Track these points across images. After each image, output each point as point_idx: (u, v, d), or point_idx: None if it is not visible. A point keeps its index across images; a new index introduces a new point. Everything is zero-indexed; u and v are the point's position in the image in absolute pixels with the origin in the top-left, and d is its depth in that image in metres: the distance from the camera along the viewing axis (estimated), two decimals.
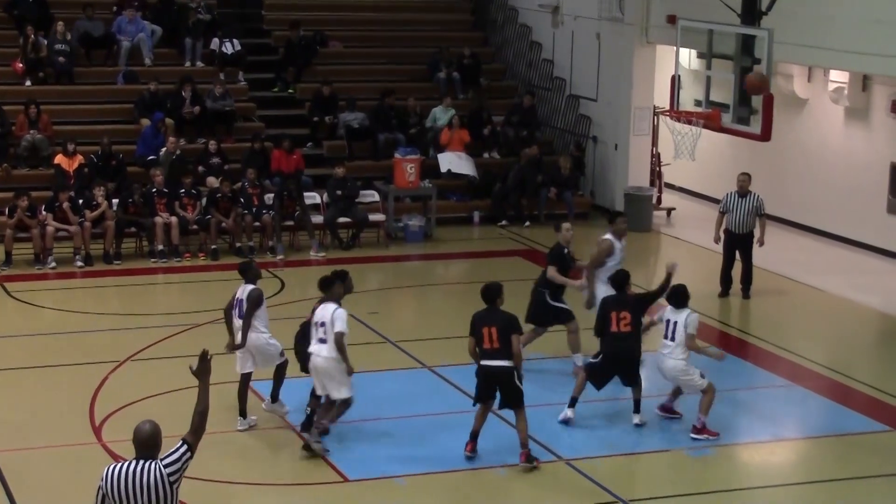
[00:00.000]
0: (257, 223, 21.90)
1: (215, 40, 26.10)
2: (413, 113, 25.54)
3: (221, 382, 15.36)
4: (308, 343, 13.41)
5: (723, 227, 19.31)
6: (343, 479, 12.79)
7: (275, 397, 14.28)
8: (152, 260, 21.29)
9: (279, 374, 14.12)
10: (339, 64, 27.59)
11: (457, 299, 20.13)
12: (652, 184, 25.43)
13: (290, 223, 22.21)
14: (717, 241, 19.38)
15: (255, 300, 13.86)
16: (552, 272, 15.65)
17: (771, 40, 16.95)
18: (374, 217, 22.96)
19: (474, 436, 13.14)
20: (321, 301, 13.43)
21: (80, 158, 22.50)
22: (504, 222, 24.39)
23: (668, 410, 14.45)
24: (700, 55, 21.55)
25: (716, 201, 25.96)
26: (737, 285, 19.46)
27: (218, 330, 17.55)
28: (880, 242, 22.23)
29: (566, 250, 15.79)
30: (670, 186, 26.72)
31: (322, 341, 13.13)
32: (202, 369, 8.56)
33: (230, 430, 13.99)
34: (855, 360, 17.19)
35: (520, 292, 15.86)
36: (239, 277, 14.34)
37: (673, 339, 13.74)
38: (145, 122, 23.78)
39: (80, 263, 20.84)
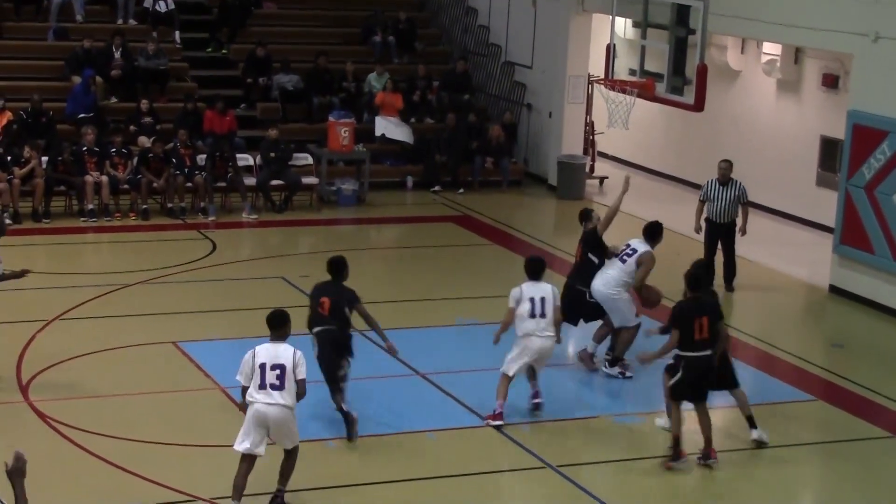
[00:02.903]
0: (189, 184, 21.74)
1: None
2: (348, 77, 25.40)
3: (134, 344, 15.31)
4: None
5: (703, 216, 18.64)
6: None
7: None
8: (82, 219, 21.09)
9: None
10: (273, 25, 27.39)
11: (388, 264, 20.17)
12: (585, 152, 25.52)
13: (223, 185, 22.07)
14: (697, 230, 18.61)
15: None
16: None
17: (706, 11, 17.07)
18: (307, 180, 22.86)
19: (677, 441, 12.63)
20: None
21: (8, 115, 22.19)
22: (437, 188, 24.39)
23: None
24: (635, 24, 21.66)
25: (647, 171, 26.24)
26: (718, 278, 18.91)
27: (147, 290, 17.50)
28: (809, 215, 22.49)
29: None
30: (603, 155, 26.85)
31: (277, 387, 11.05)
32: (15, 471, 7.30)
33: (160, 392, 13.94)
34: (781, 330, 17.41)
35: (445, 256, 15.85)
36: None
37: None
38: (76, 79, 23.48)
39: (8, 221, 20.53)
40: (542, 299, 13.14)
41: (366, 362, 15.07)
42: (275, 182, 22.44)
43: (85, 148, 21.33)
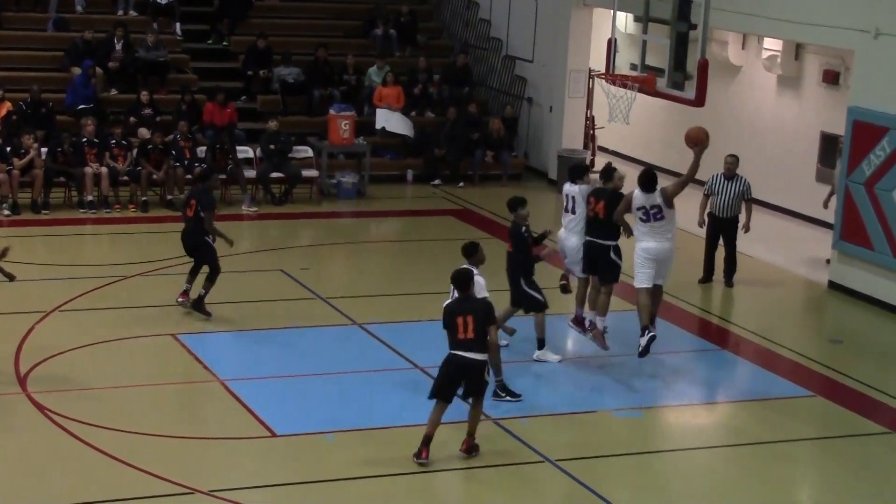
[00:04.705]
0: (189, 176, 21.71)
1: None
2: (349, 70, 25.39)
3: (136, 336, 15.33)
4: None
5: (707, 209, 18.69)
6: (271, 434, 12.79)
7: None
8: (81, 210, 21.08)
9: None
10: (274, 17, 27.37)
11: (388, 257, 20.17)
12: (585, 146, 25.51)
13: (223, 177, 22.04)
14: (701, 224, 18.74)
15: None
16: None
17: (707, 6, 16.97)
18: (307, 173, 22.85)
19: (427, 440, 12.22)
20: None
21: (8, 105, 22.18)
22: (437, 181, 24.38)
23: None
24: (637, 19, 21.63)
25: (647, 165, 26.20)
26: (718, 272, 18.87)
27: (146, 282, 17.50)
28: (808, 210, 22.47)
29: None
30: (603, 149, 26.83)
31: None
32: None
33: (158, 384, 13.94)
34: (780, 326, 17.41)
35: (444, 250, 15.84)
36: None
37: None
38: (76, 70, 23.47)
39: (7, 212, 20.59)
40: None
41: (366, 356, 15.12)
42: (275, 175, 22.42)
43: (85, 139, 21.31)
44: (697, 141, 14.58)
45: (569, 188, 15.27)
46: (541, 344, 14.97)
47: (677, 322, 16.87)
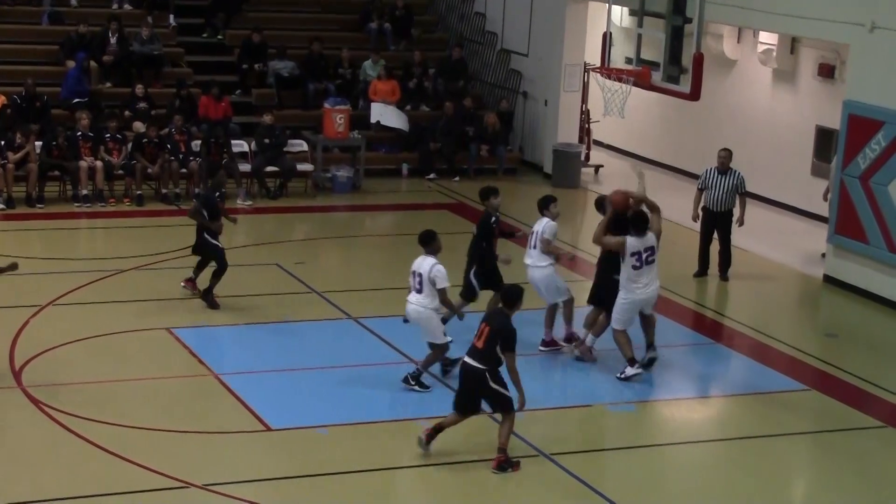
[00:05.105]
0: (184, 170, 21.70)
1: None
2: (344, 64, 25.37)
3: (139, 330, 15.33)
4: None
5: (701, 204, 18.66)
6: (266, 427, 12.79)
7: None
8: (76, 204, 21.05)
9: None
10: (270, 11, 27.32)
11: (383, 251, 20.15)
12: (581, 140, 25.49)
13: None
14: (695, 219, 18.70)
15: None
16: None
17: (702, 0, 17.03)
18: (302, 167, 22.83)
19: (438, 428, 12.19)
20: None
21: (2, 99, 22.15)
22: (433, 175, 24.37)
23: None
24: (632, 13, 21.63)
25: (642, 159, 26.23)
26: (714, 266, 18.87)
27: (141, 276, 17.49)
28: (804, 204, 22.48)
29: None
30: (599, 143, 26.82)
31: (417, 291, 13.52)
32: None
33: (153, 378, 13.93)
34: (775, 320, 17.42)
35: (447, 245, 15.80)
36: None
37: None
38: (71, 63, 23.42)
39: (1, 206, 20.56)
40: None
41: (360, 350, 15.12)
42: (270, 168, 22.41)
43: (79, 133, 21.29)
44: (623, 207, 14.37)
45: (536, 226, 15.08)
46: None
47: (672, 316, 16.87)
